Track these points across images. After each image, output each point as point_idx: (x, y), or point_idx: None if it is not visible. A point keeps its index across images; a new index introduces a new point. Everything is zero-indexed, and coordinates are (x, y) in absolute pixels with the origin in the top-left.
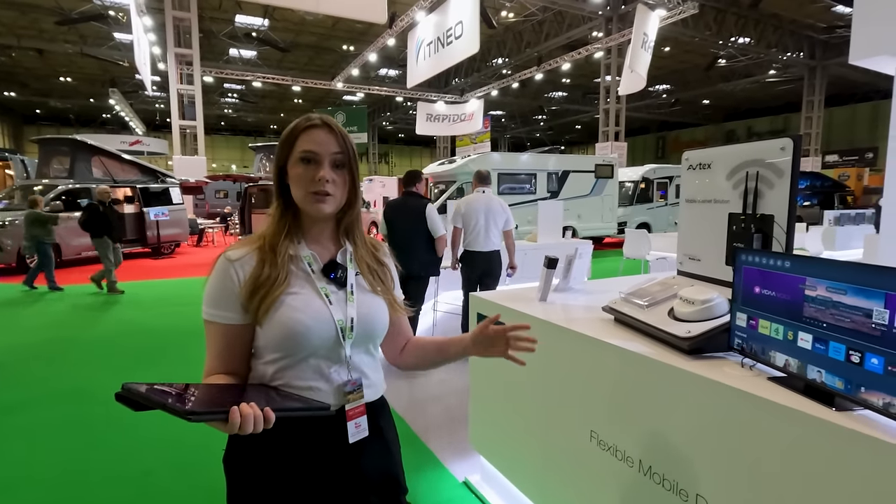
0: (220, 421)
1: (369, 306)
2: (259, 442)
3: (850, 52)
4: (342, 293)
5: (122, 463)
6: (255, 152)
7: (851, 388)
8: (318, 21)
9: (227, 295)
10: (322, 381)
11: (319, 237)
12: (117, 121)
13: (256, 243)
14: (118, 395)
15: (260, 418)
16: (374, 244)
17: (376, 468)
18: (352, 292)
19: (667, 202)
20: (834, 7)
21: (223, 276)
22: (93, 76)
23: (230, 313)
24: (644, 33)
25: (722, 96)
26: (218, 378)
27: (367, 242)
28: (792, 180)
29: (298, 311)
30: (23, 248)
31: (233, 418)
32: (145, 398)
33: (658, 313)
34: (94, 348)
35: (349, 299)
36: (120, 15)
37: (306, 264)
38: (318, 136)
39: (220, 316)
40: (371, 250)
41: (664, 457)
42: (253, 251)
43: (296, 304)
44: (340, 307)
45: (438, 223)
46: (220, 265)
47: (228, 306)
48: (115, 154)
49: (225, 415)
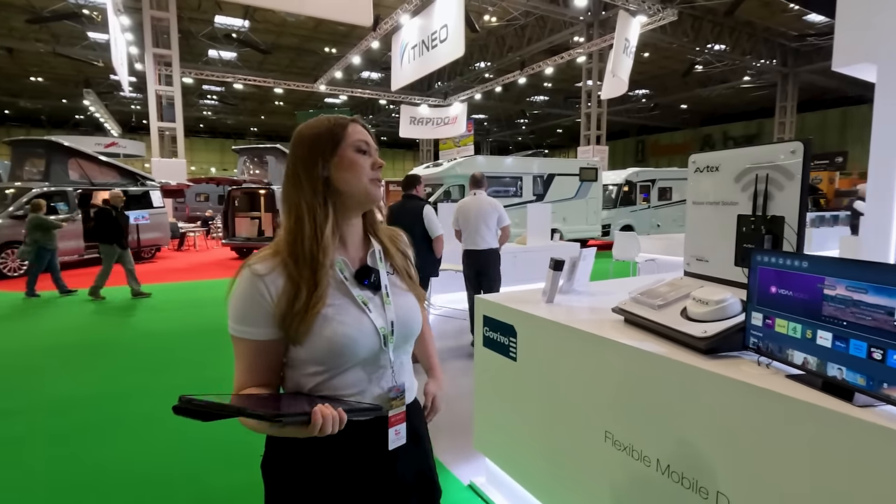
0: (303, 424)
1: (406, 307)
2: (298, 448)
3: (833, 60)
4: (378, 298)
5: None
6: (239, 155)
7: (874, 385)
8: (299, 23)
9: (257, 310)
10: (366, 389)
11: (352, 239)
12: (91, 122)
13: (279, 256)
14: (180, 409)
15: (338, 419)
16: (393, 235)
17: (413, 471)
18: (387, 295)
19: (649, 205)
20: (805, 16)
21: (252, 291)
22: (65, 76)
23: (261, 329)
24: (626, 39)
25: (699, 101)
26: (251, 391)
27: (385, 233)
28: (803, 183)
29: (343, 325)
30: (21, 253)
31: (315, 419)
32: (220, 407)
33: (671, 314)
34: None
35: (386, 303)
36: (94, 14)
37: (338, 271)
38: (363, 130)
39: (249, 332)
40: (393, 241)
41: (683, 455)
42: (278, 266)
43: (338, 316)
44: (379, 313)
45: (436, 223)
46: (246, 279)
47: (258, 322)
48: (92, 156)
49: (308, 416)
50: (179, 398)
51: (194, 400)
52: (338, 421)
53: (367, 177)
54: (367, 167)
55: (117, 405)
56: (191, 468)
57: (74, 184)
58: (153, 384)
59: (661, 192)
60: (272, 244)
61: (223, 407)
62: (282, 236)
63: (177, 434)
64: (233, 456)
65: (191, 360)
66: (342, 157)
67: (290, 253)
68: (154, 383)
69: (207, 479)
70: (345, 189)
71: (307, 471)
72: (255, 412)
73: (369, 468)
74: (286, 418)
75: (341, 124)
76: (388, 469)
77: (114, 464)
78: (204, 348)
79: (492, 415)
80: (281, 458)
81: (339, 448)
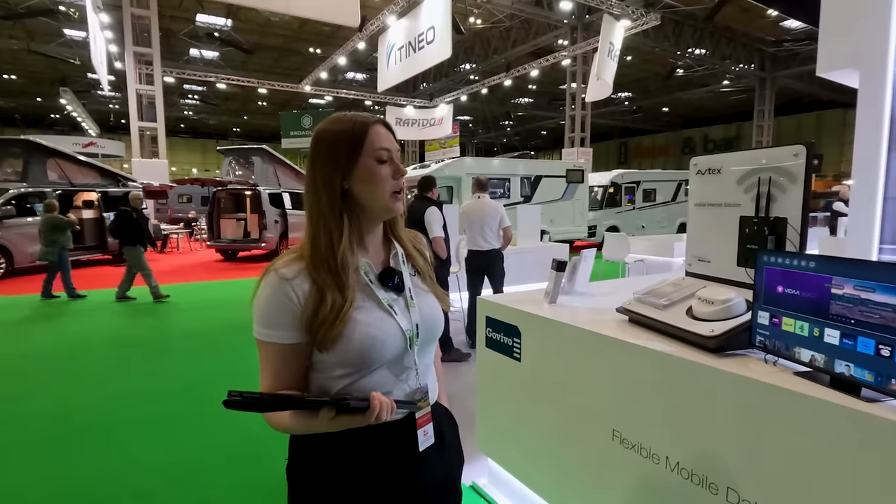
0: (361, 411)
1: (429, 308)
2: (326, 452)
3: (818, 65)
4: (402, 300)
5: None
6: (224, 156)
7: (882, 380)
8: (283, 23)
9: (285, 314)
10: (392, 391)
11: (373, 243)
12: (68, 121)
13: (303, 261)
14: (232, 402)
15: (391, 406)
16: (413, 236)
17: (438, 475)
18: (411, 296)
19: (634, 206)
20: (782, 22)
21: (279, 294)
22: (41, 74)
23: (288, 332)
24: (610, 42)
25: (680, 104)
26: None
27: (406, 236)
28: (805, 185)
29: (370, 328)
30: (39, 254)
31: (373, 404)
32: (274, 397)
33: (676, 313)
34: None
35: (410, 305)
36: (71, 11)
37: (363, 274)
38: (384, 133)
39: (277, 336)
40: (414, 243)
41: (693, 452)
42: (304, 270)
43: (366, 319)
44: (405, 315)
45: (434, 225)
46: (273, 283)
47: (286, 325)
48: (71, 156)
49: (367, 402)
50: (229, 393)
51: (245, 393)
52: (391, 408)
53: (388, 190)
54: (388, 178)
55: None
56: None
57: (53, 185)
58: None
59: (645, 193)
60: (296, 248)
61: (277, 397)
62: (305, 241)
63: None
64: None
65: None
66: (361, 168)
67: (312, 260)
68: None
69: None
70: (364, 202)
71: (335, 474)
72: (318, 399)
73: (399, 470)
74: (351, 402)
75: (361, 130)
76: (417, 471)
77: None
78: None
79: (495, 415)
80: (307, 462)
81: (368, 451)
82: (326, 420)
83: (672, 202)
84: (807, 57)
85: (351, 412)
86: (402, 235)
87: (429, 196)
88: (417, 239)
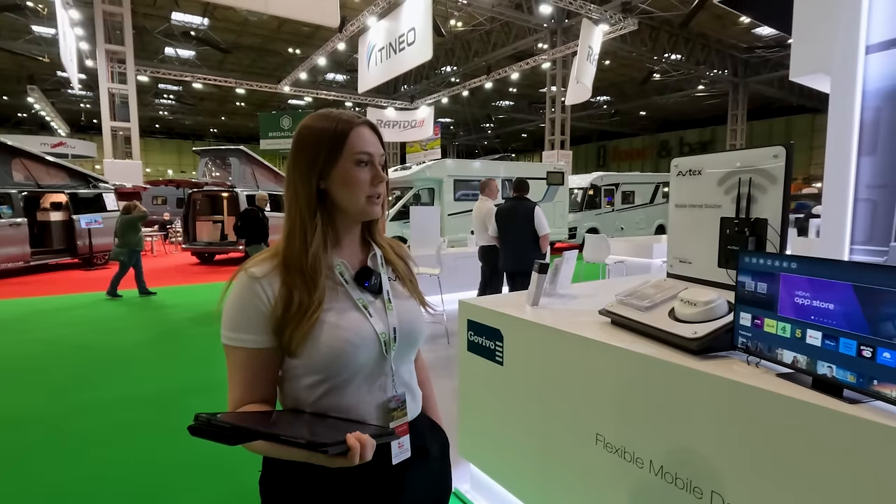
0: (342, 454)
1: (409, 313)
2: (299, 464)
3: (791, 70)
4: (379, 302)
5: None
6: (200, 156)
7: (864, 381)
8: (261, 22)
9: (255, 315)
10: (367, 400)
11: (350, 244)
12: (35, 120)
13: (277, 259)
14: (197, 429)
15: (372, 443)
16: (395, 243)
17: (418, 494)
18: (389, 300)
19: (613, 208)
20: (754, 29)
21: (248, 294)
22: (6, 72)
23: (258, 336)
24: (589, 46)
25: (656, 108)
26: (250, 408)
27: (387, 242)
28: (785, 186)
29: (341, 329)
30: (112, 255)
31: (351, 443)
32: (246, 431)
33: (658, 315)
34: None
35: (388, 307)
36: (39, 6)
37: (338, 274)
38: (368, 136)
39: (246, 340)
40: (396, 249)
41: (676, 456)
42: (276, 268)
43: (336, 321)
44: (381, 318)
45: (544, 223)
46: (242, 283)
47: (256, 328)
48: (38, 156)
49: (345, 446)
50: (196, 417)
51: (213, 420)
52: (373, 446)
53: (364, 194)
54: (366, 183)
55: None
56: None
57: (19, 186)
58: None
59: (624, 195)
60: (272, 247)
61: (247, 430)
62: (280, 238)
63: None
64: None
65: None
66: (339, 171)
67: (285, 258)
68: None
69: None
70: (341, 204)
71: (309, 490)
72: (293, 439)
73: (373, 484)
74: (331, 448)
75: (343, 131)
76: (396, 485)
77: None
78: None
79: (477, 420)
80: (280, 476)
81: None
82: (304, 455)
83: (650, 204)
84: (777, 63)
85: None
86: (381, 239)
87: (526, 196)
88: (398, 244)
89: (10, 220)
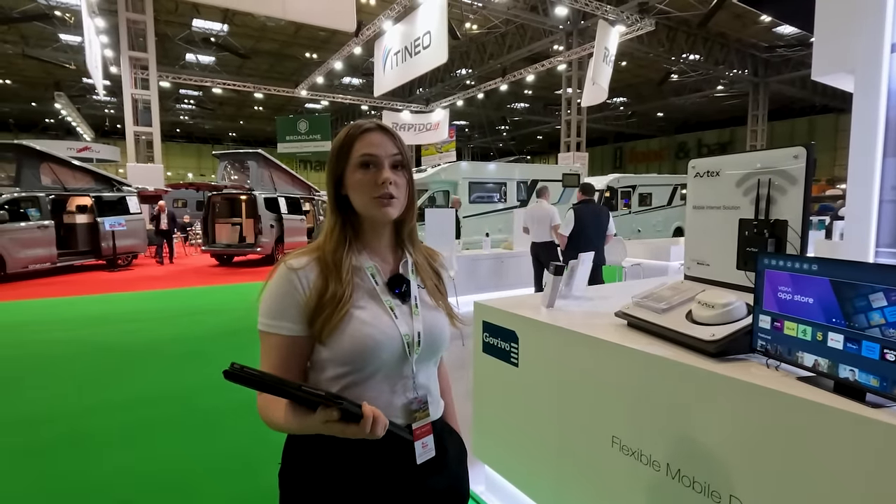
0: (354, 416)
1: (434, 321)
2: (320, 460)
3: (813, 69)
4: (406, 307)
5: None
6: (219, 160)
7: (888, 385)
8: (279, 28)
9: (291, 304)
10: (389, 399)
11: (379, 247)
12: (62, 126)
13: (316, 253)
14: (231, 374)
15: (385, 423)
16: (430, 253)
17: (441, 488)
18: (416, 305)
19: (630, 210)
20: (775, 28)
21: (286, 284)
22: (35, 79)
23: (293, 324)
24: (605, 47)
25: (674, 109)
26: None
27: (423, 251)
28: (806, 187)
29: (368, 325)
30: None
31: (365, 410)
32: (274, 381)
33: (675, 317)
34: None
35: (414, 313)
36: (66, 16)
37: (369, 276)
38: (375, 138)
39: (281, 327)
40: (428, 259)
41: (694, 459)
42: (314, 261)
43: (363, 317)
44: (406, 321)
45: (612, 225)
46: (282, 274)
47: (291, 317)
48: (65, 161)
49: (360, 410)
50: (231, 364)
51: (246, 368)
52: (385, 425)
53: (368, 195)
54: (370, 185)
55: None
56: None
57: (46, 189)
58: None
59: (641, 197)
60: (314, 242)
61: (275, 380)
62: (321, 236)
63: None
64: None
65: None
66: (349, 176)
67: (323, 252)
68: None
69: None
70: (357, 208)
71: (328, 482)
72: (314, 391)
73: (396, 482)
74: (346, 403)
75: (350, 138)
76: (418, 484)
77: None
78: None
79: (492, 422)
80: (301, 468)
81: (364, 461)
82: (320, 422)
83: (668, 206)
84: (799, 62)
85: (344, 414)
86: (415, 246)
87: (593, 199)
88: (435, 254)
89: (39, 222)
